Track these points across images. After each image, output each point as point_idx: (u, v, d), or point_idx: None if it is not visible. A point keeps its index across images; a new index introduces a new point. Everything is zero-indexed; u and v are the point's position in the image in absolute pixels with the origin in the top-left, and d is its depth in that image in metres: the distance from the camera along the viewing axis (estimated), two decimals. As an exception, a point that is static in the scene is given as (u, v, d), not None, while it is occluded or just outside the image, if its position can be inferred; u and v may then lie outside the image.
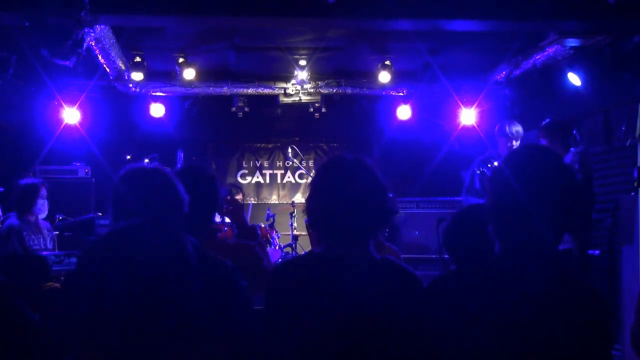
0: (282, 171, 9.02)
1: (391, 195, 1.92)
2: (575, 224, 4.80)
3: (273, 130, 8.97)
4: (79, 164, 6.87)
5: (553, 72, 6.24)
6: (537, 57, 6.11)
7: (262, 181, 9.02)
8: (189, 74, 6.95)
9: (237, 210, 3.08)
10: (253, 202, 8.81)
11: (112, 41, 5.79)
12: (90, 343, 1.38)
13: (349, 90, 7.62)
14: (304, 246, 6.58)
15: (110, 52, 5.94)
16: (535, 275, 1.52)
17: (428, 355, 1.55)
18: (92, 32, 5.08)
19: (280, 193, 8.98)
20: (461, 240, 2.22)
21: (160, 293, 1.39)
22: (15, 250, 4.51)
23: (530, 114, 6.97)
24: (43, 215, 5.03)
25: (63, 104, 6.75)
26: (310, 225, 1.90)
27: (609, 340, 1.56)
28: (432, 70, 7.03)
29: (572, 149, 5.02)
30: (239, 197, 6.96)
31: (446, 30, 5.33)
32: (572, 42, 5.45)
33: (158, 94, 7.50)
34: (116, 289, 1.38)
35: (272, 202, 8.84)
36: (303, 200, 1.92)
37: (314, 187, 1.90)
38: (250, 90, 7.57)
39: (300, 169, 8.46)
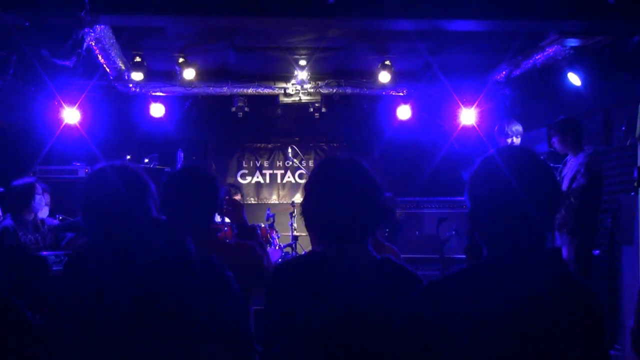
0: (282, 171, 9.02)
1: (390, 194, 1.92)
2: (557, 221, 4.77)
3: (273, 130, 8.97)
4: (79, 164, 6.86)
5: (553, 72, 6.24)
6: (537, 57, 6.11)
7: (262, 181, 9.02)
8: (189, 74, 6.95)
9: (237, 210, 3.08)
10: (253, 202, 8.83)
11: (112, 41, 5.79)
12: (88, 343, 1.38)
13: (349, 90, 7.62)
14: (304, 246, 6.58)
15: (110, 52, 5.95)
16: (526, 276, 1.51)
17: (428, 354, 1.55)
18: (92, 32, 5.07)
19: (280, 193, 8.98)
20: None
21: (158, 294, 1.39)
22: (12, 250, 4.50)
23: (530, 114, 6.97)
24: (43, 212, 5.02)
25: (63, 104, 6.75)
26: (308, 227, 1.89)
27: (604, 336, 1.55)
28: (432, 70, 7.04)
29: (586, 147, 4.97)
30: (237, 197, 6.96)
31: (446, 30, 5.33)
32: (572, 42, 5.45)
33: (158, 94, 7.51)
34: (111, 289, 1.38)
35: (272, 202, 8.84)
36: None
37: (308, 189, 1.90)
38: (250, 90, 7.58)
39: (300, 169, 8.46)
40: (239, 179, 8.93)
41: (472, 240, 1.63)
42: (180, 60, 6.86)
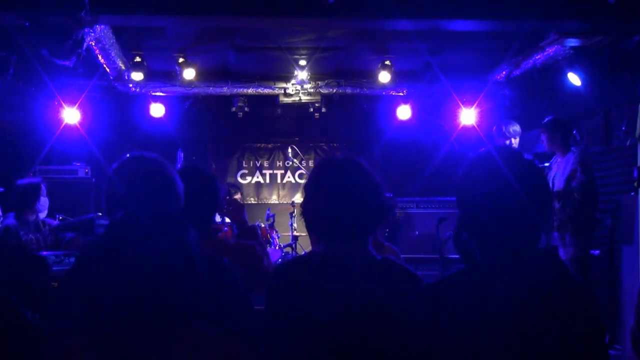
0: (282, 171, 9.02)
1: (390, 194, 1.92)
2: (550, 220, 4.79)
3: (273, 130, 8.97)
4: (79, 164, 6.86)
5: (553, 72, 6.24)
6: (537, 57, 6.11)
7: (262, 181, 9.02)
8: (189, 74, 6.96)
9: (237, 210, 3.08)
10: (253, 202, 8.84)
11: (112, 41, 5.79)
12: (88, 341, 1.38)
13: (349, 90, 7.62)
14: (304, 246, 6.58)
15: (110, 52, 5.95)
16: (522, 277, 1.51)
17: (427, 355, 1.55)
18: (92, 32, 5.08)
19: (280, 193, 8.98)
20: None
21: (159, 291, 1.38)
22: (13, 250, 4.49)
23: (530, 114, 6.96)
24: (44, 213, 5.03)
25: (63, 104, 6.76)
26: (308, 228, 1.89)
27: (602, 334, 1.55)
28: (432, 70, 7.04)
29: (573, 148, 4.99)
30: (237, 196, 6.96)
31: (446, 30, 5.33)
32: (572, 42, 5.45)
33: (158, 94, 7.51)
34: (114, 287, 1.38)
35: (272, 202, 8.84)
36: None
37: (307, 189, 1.90)
38: (250, 90, 7.58)
39: (300, 169, 8.46)
40: (239, 179, 8.93)
41: (465, 241, 1.62)
42: (180, 60, 6.86)
